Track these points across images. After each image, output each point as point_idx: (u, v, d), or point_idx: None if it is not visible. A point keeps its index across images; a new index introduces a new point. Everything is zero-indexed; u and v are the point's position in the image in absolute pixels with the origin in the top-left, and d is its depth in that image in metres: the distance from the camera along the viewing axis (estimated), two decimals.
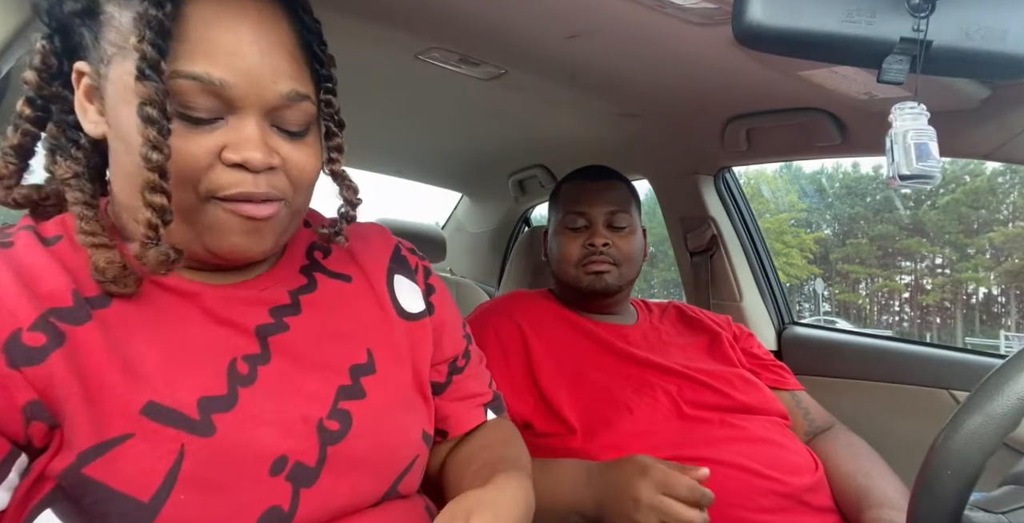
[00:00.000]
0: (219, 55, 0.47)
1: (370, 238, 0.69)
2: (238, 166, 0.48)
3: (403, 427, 0.60)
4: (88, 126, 0.50)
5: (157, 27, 0.44)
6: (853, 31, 0.54)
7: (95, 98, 0.49)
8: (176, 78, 0.46)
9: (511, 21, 0.90)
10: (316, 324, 0.58)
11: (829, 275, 32.61)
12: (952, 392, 1.24)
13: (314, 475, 0.52)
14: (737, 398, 0.99)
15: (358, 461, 0.55)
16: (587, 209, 1.11)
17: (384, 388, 0.59)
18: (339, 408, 0.55)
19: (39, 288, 0.46)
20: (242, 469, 0.48)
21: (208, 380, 0.50)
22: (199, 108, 0.47)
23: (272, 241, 0.53)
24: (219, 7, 0.47)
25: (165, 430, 0.46)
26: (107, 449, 0.44)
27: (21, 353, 0.44)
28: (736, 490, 0.85)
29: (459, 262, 2.32)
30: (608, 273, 1.08)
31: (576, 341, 1.06)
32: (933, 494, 0.49)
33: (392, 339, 0.63)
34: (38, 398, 0.44)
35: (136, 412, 0.46)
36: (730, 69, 0.99)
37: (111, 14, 0.47)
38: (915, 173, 0.57)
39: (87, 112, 0.50)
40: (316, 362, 0.56)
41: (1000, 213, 30.09)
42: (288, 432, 0.51)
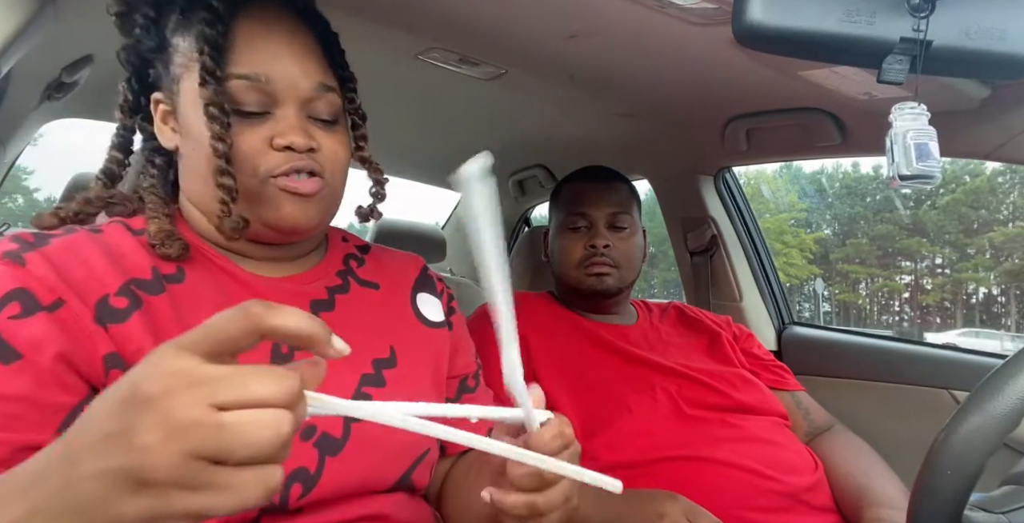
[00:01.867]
0: (262, 57, 0.58)
1: (401, 259, 0.78)
2: (286, 148, 0.58)
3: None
4: (165, 141, 0.61)
5: (213, 42, 0.56)
6: (853, 31, 0.54)
7: (170, 119, 0.61)
8: (231, 79, 0.57)
9: (511, 21, 0.90)
10: (345, 320, 0.65)
11: (829, 275, 32.62)
12: (952, 392, 1.24)
13: (339, 446, 0.58)
14: (737, 398, 0.99)
15: (377, 440, 0.61)
16: (588, 210, 1.11)
17: (403, 381, 0.65)
18: (362, 391, 0.62)
19: (124, 262, 0.56)
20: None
21: (254, 353, 0.55)
22: (250, 103, 0.58)
23: (318, 216, 0.62)
24: (260, 23, 0.59)
25: None
26: None
27: (108, 313, 0.53)
28: (736, 490, 0.85)
29: (459, 262, 2.32)
30: (609, 275, 1.08)
31: (576, 341, 1.06)
32: (933, 494, 0.49)
33: (413, 340, 0.70)
34: (117, 351, 0.52)
35: None
36: (730, 69, 0.99)
37: (176, 44, 0.59)
38: (915, 173, 0.57)
39: (163, 131, 0.61)
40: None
41: (1000, 213, 30.10)
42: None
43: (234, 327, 0.32)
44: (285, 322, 0.33)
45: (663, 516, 0.73)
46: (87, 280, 0.53)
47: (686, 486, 0.81)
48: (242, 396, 0.31)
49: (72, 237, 0.56)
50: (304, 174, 0.59)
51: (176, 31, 0.59)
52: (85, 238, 0.56)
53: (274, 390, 0.31)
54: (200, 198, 0.61)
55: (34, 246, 0.53)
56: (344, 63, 0.68)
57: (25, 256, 0.52)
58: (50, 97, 1.17)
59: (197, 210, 0.62)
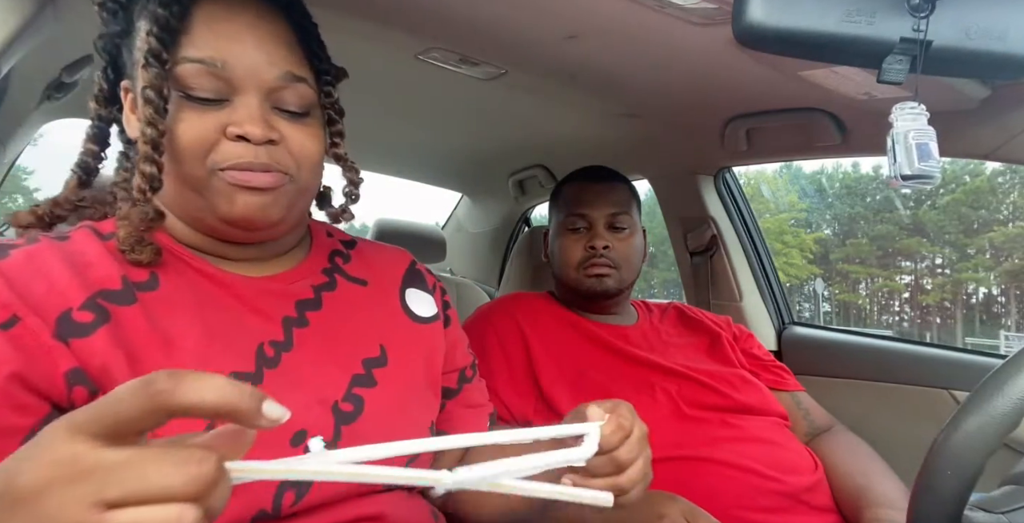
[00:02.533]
0: (220, 42, 0.54)
1: (389, 253, 0.76)
2: (240, 139, 0.54)
3: (412, 414, 0.65)
4: (131, 131, 0.58)
5: (163, 22, 0.53)
6: (853, 31, 0.54)
7: (136, 107, 0.56)
8: (182, 63, 0.54)
9: (511, 21, 0.90)
10: (334, 319, 0.64)
11: (829, 275, 32.62)
12: (952, 392, 1.24)
13: (330, 449, 0.55)
14: (736, 398, 0.99)
15: (371, 440, 0.57)
16: (588, 211, 1.11)
17: (395, 379, 0.64)
18: (353, 393, 0.61)
19: (90, 273, 0.53)
20: (266, 439, 0.52)
21: (238, 358, 0.56)
22: (202, 89, 0.54)
23: (279, 212, 0.58)
24: (223, 6, 0.55)
25: None
26: None
27: (71, 328, 0.50)
28: (735, 490, 0.85)
29: (459, 262, 2.32)
30: (608, 276, 1.08)
31: (576, 341, 1.06)
32: (933, 494, 0.49)
33: (403, 338, 0.68)
34: (80, 366, 0.49)
35: None
36: (730, 69, 0.99)
37: (139, 27, 0.56)
38: (916, 173, 0.57)
39: (130, 121, 0.58)
40: (333, 353, 0.62)
41: (1000, 213, 30.10)
42: (307, 411, 0.57)
43: (134, 407, 0.28)
44: (200, 398, 0.28)
45: (662, 517, 0.73)
46: (47, 295, 0.50)
47: (686, 486, 0.81)
48: (137, 490, 0.27)
49: (34, 248, 0.53)
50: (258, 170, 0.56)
51: (140, 14, 0.56)
52: (48, 248, 0.53)
53: (178, 481, 0.27)
54: (172, 200, 0.58)
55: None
56: (323, 55, 0.63)
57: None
58: (50, 97, 1.17)
59: (166, 209, 0.59)
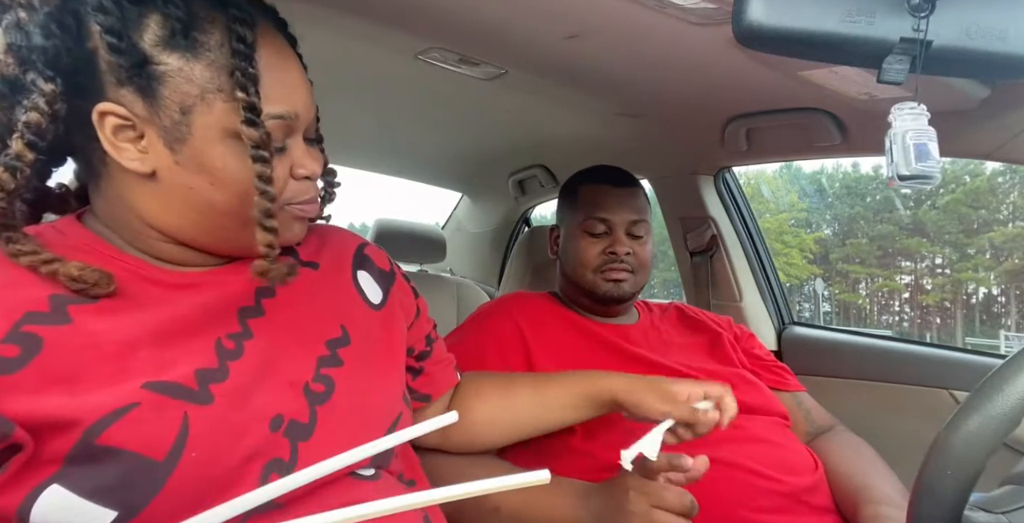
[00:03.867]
0: (287, 92, 0.55)
1: (339, 236, 0.76)
2: (305, 178, 0.59)
3: (382, 387, 0.67)
4: (131, 164, 0.52)
5: (253, 79, 0.51)
6: (853, 31, 0.54)
7: (126, 138, 0.52)
8: (268, 119, 0.53)
9: (511, 21, 0.90)
10: (290, 302, 0.63)
11: (829, 275, 32.62)
12: (952, 392, 1.24)
13: (309, 431, 0.57)
14: (737, 398, 0.99)
15: (346, 417, 0.61)
16: (610, 216, 1.10)
17: (360, 356, 0.65)
18: (321, 374, 0.61)
19: (10, 301, 0.49)
20: (245, 429, 0.54)
21: (199, 355, 0.54)
22: (279, 140, 0.56)
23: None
24: (276, 52, 0.55)
25: (168, 400, 0.50)
26: (116, 418, 0.48)
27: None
28: (736, 490, 0.85)
29: (459, 262, 2.32)
30: (626, 281, 1.09)
31: (576, 340, 1.06)
32: (933, 494, 0.49)
33: (361, 319, 0.69)
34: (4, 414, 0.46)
35: (138, 387, 0.50)
36: (730, 69, 0.99)
37: (173, 66, 0.50)
38: (914, 173, 0.57)
39: (124, 151, 0.52)
40: (295, 337, 0.62)
41: (1000, 213, 30.10)
42: (279, 395, 0.57)
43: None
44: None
45: (630, 513, 0.73)
46: None
47: (686, 486, 0.81)
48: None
49: None
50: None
51: (172, 48, 0.50)
52: None
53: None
54: (179, 229, 0.56)
55: None
56: None
57: None
58: None
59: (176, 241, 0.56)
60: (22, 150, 0.49)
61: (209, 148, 0.52)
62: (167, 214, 0.55)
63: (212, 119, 0.52)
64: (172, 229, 0.56)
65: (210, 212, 0.54)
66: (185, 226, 0.55)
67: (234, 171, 0.53)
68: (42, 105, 0.49)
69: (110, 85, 0.50)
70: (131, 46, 0.49)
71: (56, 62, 0.49)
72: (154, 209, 0.55)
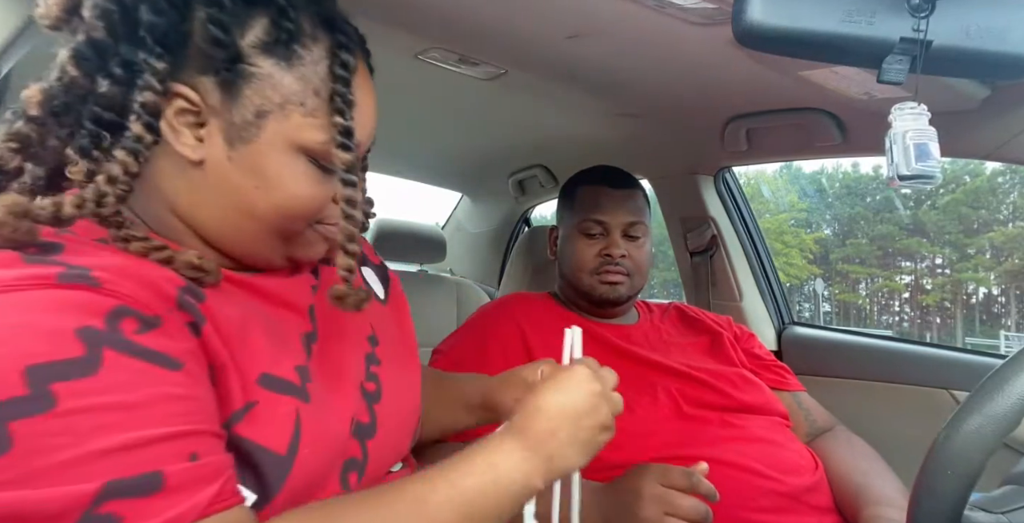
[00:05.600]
0: (363, 121, 0.55)
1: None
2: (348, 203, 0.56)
3: (412, 381, 0.70)
4: (184, 149, 0.51)
5: (351, 104, 0.52)
6: (853, 31, 0.54)
7: (185, 122, 0.51)
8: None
9: (511, 21, 0.90)
10: (331, 306, 0.63)
11: (829, 275, 32.62)
12: (952, 392, 1.24)
13: (372, 430, 0.60)
14: (737, 398, 0.99)
15: (396, 413, 0.64)
16: (606, 218, 1.10)
17: (389, 353, 0.67)
18: (371, 372, 0.63)
19: (161, 274, 0.48)
20: (333, 428, 0.56)
21: (295, 353, 0.55)
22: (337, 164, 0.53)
23: None
24: (363, 81, 0.55)
25: (281, 397, 0.52)
26: (246, 411, 0.49)
27: (195, 322, 0.47)
28: (736, 490, 0.85)
29: (459, 262, 2.32)
30: (622, 284, 1.08)
31: None
32: (933, 494, 0.49)
33: (379, 312, 0.71)
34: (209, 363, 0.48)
35: (253, 382, 0.51)
36: (730, 69, 0.99)
37: (264, 70, 0.50)
38: (914, 173, 0.57)
39: (180, 134, 0.51)
40: (344, 338, 0.63)
41: (1000, 213, 30.10)
42: (349, 396, 0.59)
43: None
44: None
45: (640, 494, 0.72)
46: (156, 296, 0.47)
47: None
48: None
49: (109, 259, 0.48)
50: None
51: (269, 54, 0.50)
52: (112, 253, 0.49)
53: None
54: (205, 222, 0.54)
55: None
56: None
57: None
58: None
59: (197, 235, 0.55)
60: (142, 132, 0.48)
61: (270, 154, 0.52)
62: (199, 206, 0.53)
63: (283, 129, 0.51)
64: (197, 221, 0.54)
65: (245, 214, 0.53)
66: (212, 222, 0.54)
67: (285, 181, 0.52)
68: (155, 84, 0.47)
69: (191, 69, 0.49)
70: (231, 42, 0.49)
71: (164, 40, 0.48)
72: (187, 199, 0.53)
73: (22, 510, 0.36)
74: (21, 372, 0.37)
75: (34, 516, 0.36)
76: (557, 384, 0.59)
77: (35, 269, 0.41)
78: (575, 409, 0.57)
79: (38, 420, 0.37)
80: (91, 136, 0.47)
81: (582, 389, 0.59)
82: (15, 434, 0.36)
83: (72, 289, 0.41)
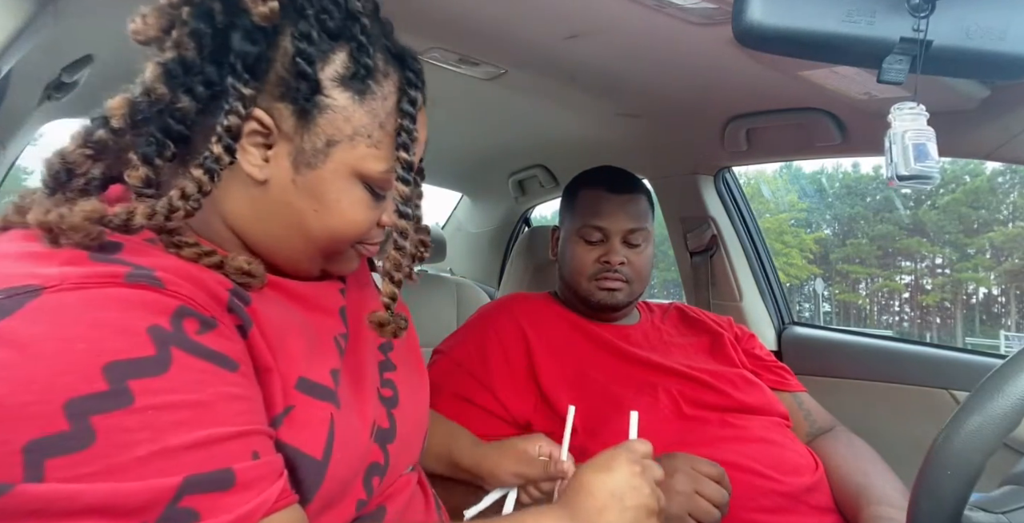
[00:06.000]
0: (418, 150, 0.58)
1: None
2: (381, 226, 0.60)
3: (422, 384, 0.72)
4: (251, 169, 0.52)
5: (415, 140, 0.55)
6: (853, 31, 0.54)
7: (254, 143, 0.52)
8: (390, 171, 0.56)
9: (511, 21, 0.90)
10: (355, 312, 0.65)
11: (829, 275, 32.61)
12: (952, 392, 1.24)
13: (392, 435, 0.62)
14: (738, 398, 0.99)
15: (411, 418, 0.66)
16: (606, 225, 1.07)
17: (402, 358, 0.69)
18: (385, 378, 0.65)
19: (211, 277, 0.49)
20: (360, 433, 0.57)
21: (330, 356, 0.57)
22: (389, 189, 0.57)
23: None
24: (422, 114, 0.57)
25: (317, 402, 0.53)
26: (285, 415, 0.50)
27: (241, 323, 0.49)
28: (736, 490, 0.85)
29: (459, 262, 2.32)
30: (620, 290, 1.07)
31: (577, 341, 1.06)
32: (933, 494, 0.49)
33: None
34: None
35: (292, 386, 0.52)
36: (730, 69, 0.99)
37: (340, 102, 0.52)
38: (913, 173, 0.57)
39: (250, 155, 0.52)
40: (364, 342, 0.64)
41: (1000, 213, 30.08)
42: (370, 401, 0.60)
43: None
44: None
45: (676, 470, 0.78)
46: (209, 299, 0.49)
47: None
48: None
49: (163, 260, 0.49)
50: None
51: (345, 87, 0.52)
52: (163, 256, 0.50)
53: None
54: (259, 236, 0.56)
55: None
56: None
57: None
58: (50, 97, 1.17)
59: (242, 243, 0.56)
60: (221, 153, 0.49)
61: (333, 181, 0.54)
62: (255, 221, 0.55)
63: (349, 158, 0.53)
64: (248, 234, 0.56)
65: (298, 233, 0.55)
66: (262, 236, 0.56)
67: (342, 206, 0.55)
68: (240, 109, 0.49)
69: (270, 96, 0.51)
70: (314, 74, 0.51)
71: (252, 67, 0.50)
72: (246, 214, 0.55)
73: (112, 502, 0.37)
74: (100, 368, 0.38)
75: (121, 508, 0.37)
76: (598, 464, 0.62)
77: (103, 267, 0.42)
78: (618, 487, 0.59)
79: (118, 415, 0.38)
80: (157, 145, 0.49)
81: (623, 469, 0.61)
82: (98, 428, 0.37)
83: (139, 289, 0.42)
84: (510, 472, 0.77)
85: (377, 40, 0.54)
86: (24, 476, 0.36)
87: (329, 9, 0.51)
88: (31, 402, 0.37)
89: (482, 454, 0.80)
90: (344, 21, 0.52)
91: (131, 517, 0.37)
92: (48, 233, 0.43)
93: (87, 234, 0.44)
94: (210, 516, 0.39)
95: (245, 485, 0.42)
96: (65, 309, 0.40)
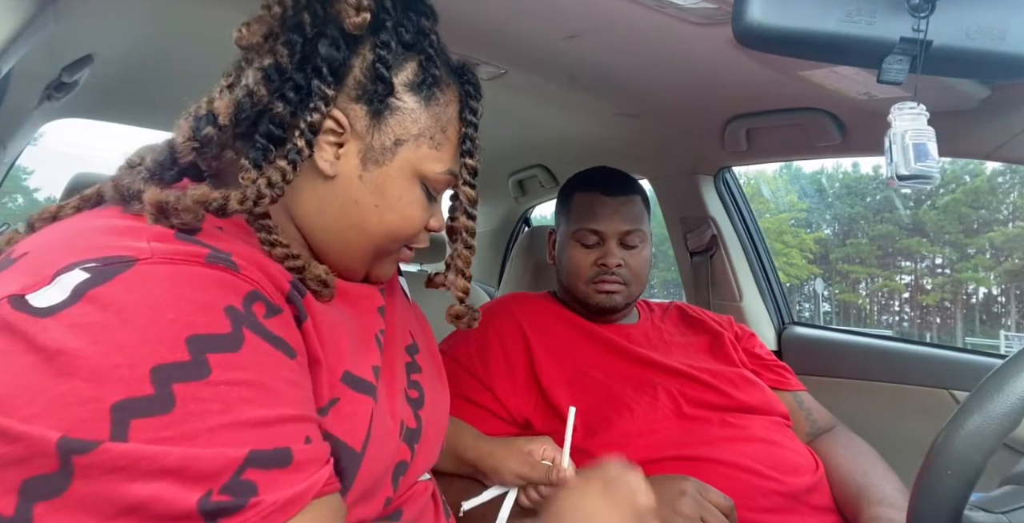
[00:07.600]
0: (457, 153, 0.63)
1: None
2: (430, 230, 0.65)
3: (444, 385, 0.74)
4: (323, 164, 0.57)
5: (478, 147, 0.62)
6: (853, 31, 0.54)
7: (327, 141, 0.57)
8: (445, 174, 0.61)
9: (511, 21, 0.90)
10: (391, 314, 0.68)
11: (829, 275, 32.61)
12: (952, 392, 1.24)
13: (418, 435, 0.64)
14: (738, 398, 0.99)
15: (435, 418, 0.68)
16: (601, 228, 1.07)
17: (426, 359, 0.72)
18: (412, 379, 0.67)
19: (278, 269, 0.52)
20: (393, 431, 0.59)
21: (372, 352, 0.60)
22: (440, 192, 0.64)
23: None
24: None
25: (359, 396, 0.55)
26: (331, 406, 0.52)
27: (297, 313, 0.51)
28: (736, 490, 0.85)
29: None
30: (618, 293, 1.07)
31: (577, 340, 1.06)
32: (933, 494, 0.50)
33: (415, 320, 0.76)
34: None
35: (338, 379, 0.54)
36: (730, 69, 0.99)
37: (409, 105, 0.58)
38: (913, 173, 0.57)
39: (324, 151, 0.57)
40: (394, 345, 0.67)
41: (1000, 213, 30.09)
42: (399, 401, 0.63)
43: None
44: None
45: (683, 493, 0.77)
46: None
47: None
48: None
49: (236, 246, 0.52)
50: None
51: (414, 92, 0.58)
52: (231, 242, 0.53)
53: None
54: (319, 229, 0.60)
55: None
56: None
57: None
58: (50, 97, 1.17)
59: (306, 244, 0.61)
60: (303, 146, 0.54)
61: (397, 178, 0.59)
62: (318, 214, 0.59)
63: (412, 157, 0.59)
64: (313, 230, 0.60)
65: (357, 229, 0.59)
66: (325, 233, 0.60)
67: (403, 203, 0.59)
68: (323, 108, 0.54)
69: (346, 97, 0.56)
70: (389, 79, 0.57)
71: (336, 70, 0.55)
72: (311, 206, 0.59)
73: (187, 465, 0.38)
74: (184, 339, 0.41)
75: (194, 472, 0.39)
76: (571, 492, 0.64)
77: (187, 247, 0.45)
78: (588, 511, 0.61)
79: (197, 385, 0.40)
80: (263, 149, 0.54)
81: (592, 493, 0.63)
82: (178, 395, 0.39)
83: (218, 269, 0.45)
84: (513, 472, 0.79)
85: (441, 54, 0.61)
86: (111, 435, 0.37)
87: (404, 24, 0.57)
88: (122, 365, 0.39)
89: (487, 451, 0.83)
90: (416, 35, 0.58)
91: (201, 482, 0.39)
92: (159, 211, 0.46)
93: (196, 215, 0.47)
94: (268, 491, 0.41)
95: (300, 465, 0.43)
96: (157, 281, 0.42)
